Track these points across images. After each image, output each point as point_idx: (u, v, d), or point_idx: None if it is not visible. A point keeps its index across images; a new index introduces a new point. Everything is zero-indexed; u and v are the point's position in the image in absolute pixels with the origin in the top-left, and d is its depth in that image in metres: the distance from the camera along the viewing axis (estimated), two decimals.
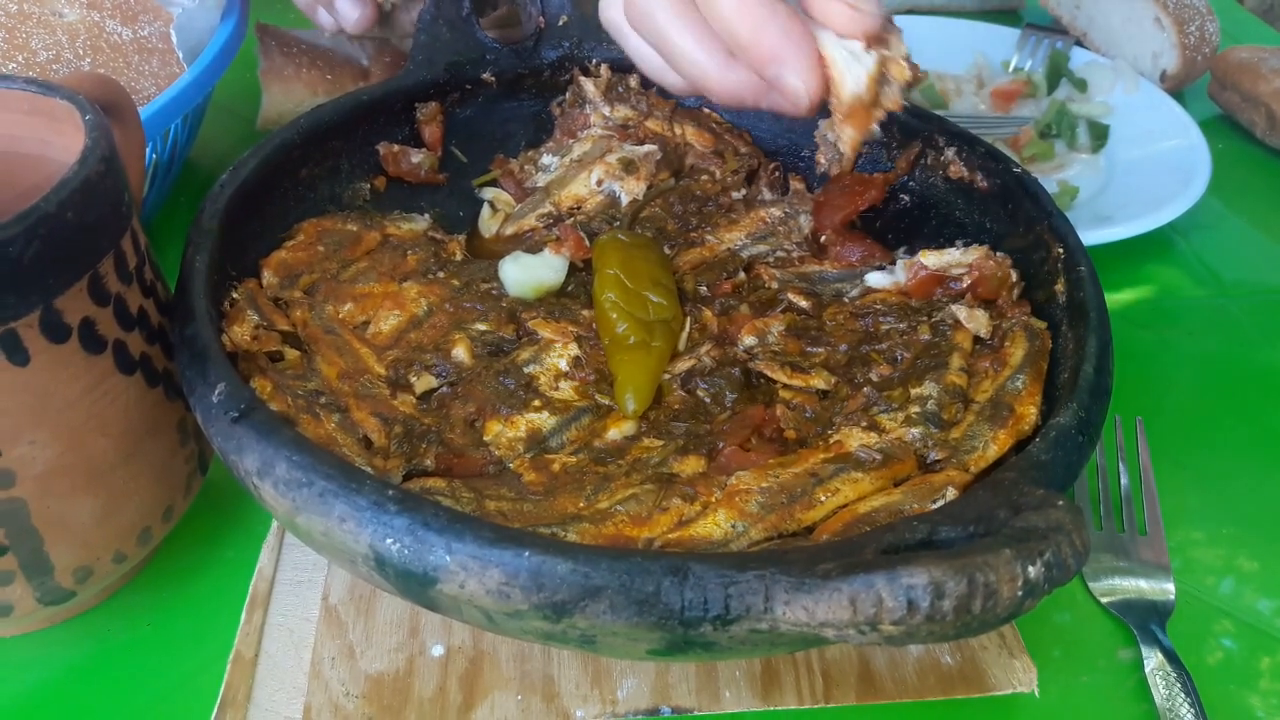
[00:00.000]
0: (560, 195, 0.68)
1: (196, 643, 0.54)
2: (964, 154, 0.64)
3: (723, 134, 0.73)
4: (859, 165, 0.69)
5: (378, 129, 0.68)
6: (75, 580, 0.49)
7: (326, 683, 0.51)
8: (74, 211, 0.42)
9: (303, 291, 0.57)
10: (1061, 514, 0.37)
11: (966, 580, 0.34)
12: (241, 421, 0.43)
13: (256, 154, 0.59)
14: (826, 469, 0.48)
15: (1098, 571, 0.58)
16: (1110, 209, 0.85)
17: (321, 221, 0.62)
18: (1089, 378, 0.48)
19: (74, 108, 0.47)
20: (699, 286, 0.62)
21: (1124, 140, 0.93)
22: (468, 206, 0.71)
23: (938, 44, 1.04)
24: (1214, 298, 0.82)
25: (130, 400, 0.48)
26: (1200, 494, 0.65)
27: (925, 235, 0.66)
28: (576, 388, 0.54)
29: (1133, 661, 0.54)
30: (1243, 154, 0.98)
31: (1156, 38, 1.01)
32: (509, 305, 0.59)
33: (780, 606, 0.36)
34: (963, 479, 0.47)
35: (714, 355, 0.57)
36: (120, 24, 0.73)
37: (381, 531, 0.39)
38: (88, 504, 0.48)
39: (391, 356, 0.55)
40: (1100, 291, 0.53)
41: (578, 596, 0.37)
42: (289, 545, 0.57)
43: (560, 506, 0.47)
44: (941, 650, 0.52)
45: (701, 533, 0.45)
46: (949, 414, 0.51)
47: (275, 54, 0.81)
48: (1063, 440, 0.45)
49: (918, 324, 0.57)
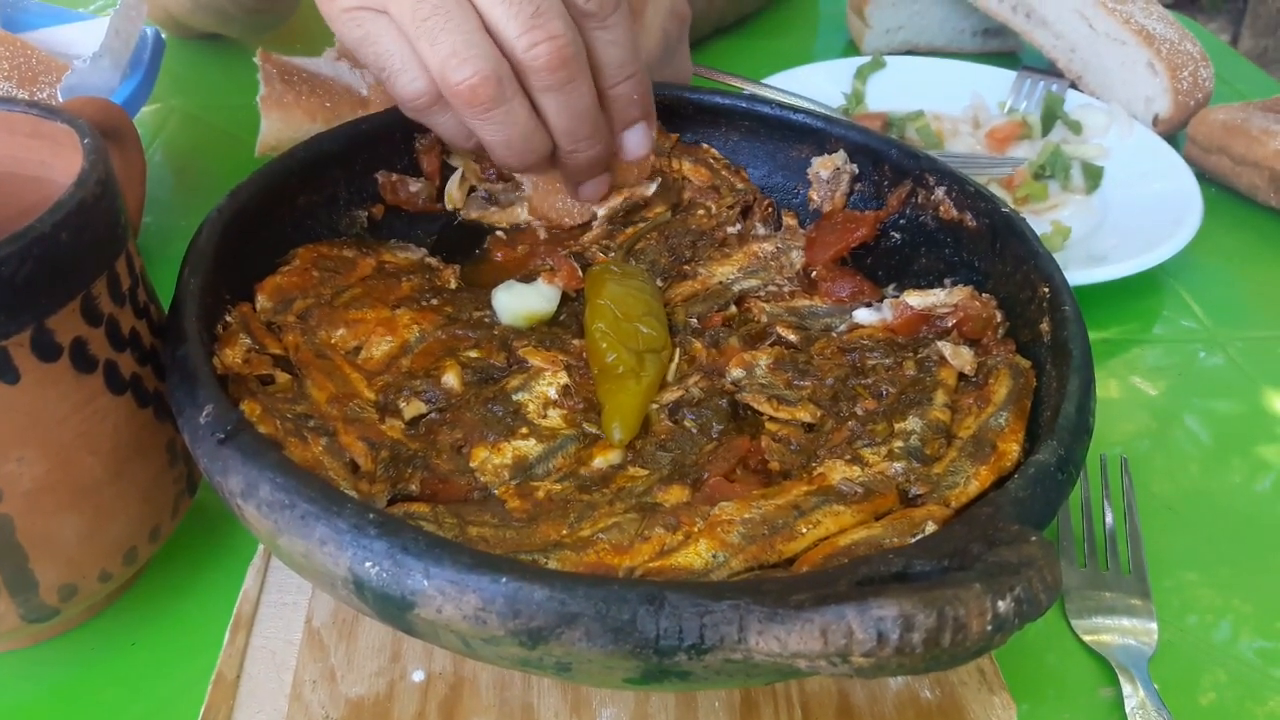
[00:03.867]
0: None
1: (180, 663, 0.54)
2: (954, 193, 0.65)
3: (719, 170, 0.74)
4: (851, 203, 0.70)
5: (376, 158, 0.69)
6: (60, 598, 0.50)
7: (307, 705, 0.51)
8: (69, 233, 0.43)
9: (296, 316, 0.58)
10: (1034, 549, 0.37)
11: (936, 613, 0.34)
12: (227, 443, 0.44)
13: (255, 180, 0.60)
14: (809, 501, 0.48)
15: (1080, 609, 0.58)
16: (1103, 249, 0.85)
17: (317, 247, 0.63)
18: (1070, 416, 0.48)
19: (74, 131, 0.48)
20: (689, 318, 0.63)
21: (1117, 182, 0.94)
22: (465, 236, 0.71)
23: (935, 84, 1.06)
24: (1205, 339, 0.82)
25: (120, 420, 0.49)
26: (1191, 536, 0.65)
27: (915, 272, 0.66)
28: (565, 416, 0.55)
29: (1114, 700, 0.54)
30: (1232, 198, 0.99)
31: (1150, 83, 1.02)
32: (500, 333, 0.60)
33: (754, 636, 0.37)
34: (943, 514, 0.47)
35: (702, 386, 0.57)
36: (16, 87, 0.73)
37: (361, 555, 0.39)
38: (74, 522, 0.48)
39: (382, 382, 0.55)
40: (1084, 331, 0.53)
41: (553, 623, 0.38)
42: (274, 568, 0.57)
43: (543, 533, 0.47)
44: (921, 685, 0.52)
45: (682, 562, 0.45)
46: (932, 449, 0.51)
47: (275, 81, 0.82)
48: (1042, 477, 0.45)
49: (903, 360, 0.58)
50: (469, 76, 0.54)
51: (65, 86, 0.75)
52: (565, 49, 0.54)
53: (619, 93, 0.60)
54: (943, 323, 0.60)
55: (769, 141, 0.73)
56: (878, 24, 1.20)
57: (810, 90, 1.00)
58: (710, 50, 1.21)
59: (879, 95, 1.06)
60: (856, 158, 0.70)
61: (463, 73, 0.54)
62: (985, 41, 1.24)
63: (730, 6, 1.23)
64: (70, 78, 0.76)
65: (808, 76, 1.05)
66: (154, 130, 1.00)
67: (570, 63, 0.55)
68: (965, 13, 1.20)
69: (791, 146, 0.72)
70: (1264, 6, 3.07)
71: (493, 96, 0.55)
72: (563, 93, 0.56)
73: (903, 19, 1.21)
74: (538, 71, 0.55)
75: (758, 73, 1.00)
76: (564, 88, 0.56)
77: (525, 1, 0.53)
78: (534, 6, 0.53)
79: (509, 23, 0.53)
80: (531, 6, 0.53)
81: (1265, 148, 0.94)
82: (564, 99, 0.57)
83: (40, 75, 0.77)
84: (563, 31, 0.54)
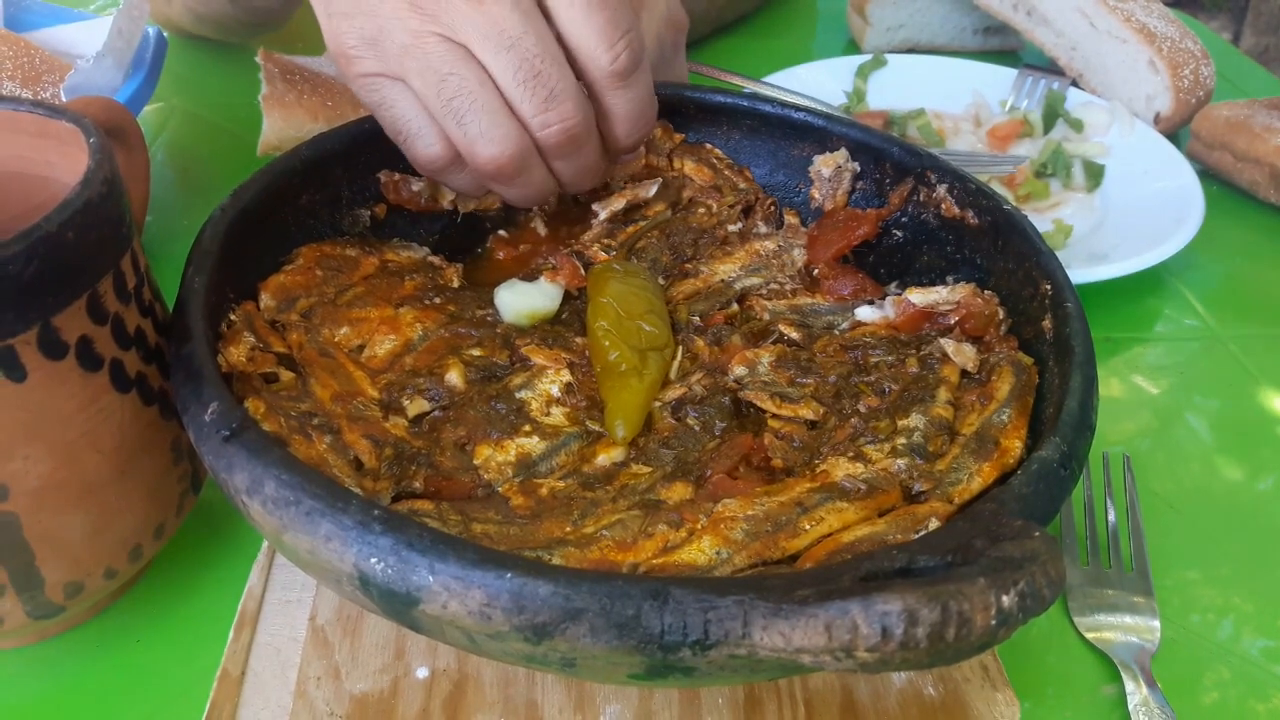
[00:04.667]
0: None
1: (185, 660, 0.54)
2: (955, 191, 0.65)
3: (722, 170, 0.74)
4: (853, 201, 0.70)
5: (379, 157, 0.69)
6: (65, 595, 0.50)
7: (311, 702, 0.51)
8: (75, 232, 0.43)
9: (300, 315, 0.58)
10: (1037, 544, 0.37)
11: (940, 608, 0.34)
12: (232, 440, 0.44)
13: (258, 179, 0.60)
14: (812, 498, 0.48)
15: (1083, 607, 0.58)
16: (1104, 247, 0.86)
17: (321, 246, 0.63)
18: (1072, 412, 0.49)
19: (79, 130, 0.49)
20: (692, 317, 0.63)
21: (1119, 180, 0.94)
22: (467, 235, 0.71)
23: (936, 82, 1.06)
24: (1207, 337, 0.83)
25: (125, 418, 0.49)
26: (1192, 534, 0.65)
27: (917, 270, 0.66)
28: (568, 414, 0.55)
29: (1116, 697, 0.54)
30: (1234, 195, 0.99)
31: (1151, 81, 1.03)
32: (503, 331, 0.60)
33: (758, 632, 0.37)
34: (946, 510, 0.47)
35: (705, 384, 0.57)
36: (19, 86, 0.73)
37: (366, 551, 0.39)
38: (80, 520, 0.48)
39: (385, 380, 0.55)
40: (1086, 328, 0.54)
41: (558, 619, 0.38)
42: (279, 565, 0.57)
43: (546, 530, 0.47)
44: (924, 681, 0.52)
45: (686, 559, 0.45)
46: (935, 446, 0.51)
47: (278, 80, 0.82)
48: (1045, 474, 0.45)
49: (906, 357, 0.58)
50: (496, 156, 0.58)
51: (68, 86, 0.76)
52: (575, 129, 0.58)
53: (633, 142, 0.63)
54: (945, 320, 0.60)
55: (770, 140, 0.73)
56: (879, 22, 1.20)
57: (811, 89, 1.00)
58: (711, 49, 1.21)
59: (880, 93, 1.06)
60: (858, 156, 0.70)
61: (490, 152, 0.58)
62: (986, 39, 1.24)
63: (730, 5, 1.23)
64: (73, 77, 0.76)
65: (809, 75, 1.05)
66: (156, 129, 1.00)
67: (579, 138, 0.59)
68: (966, 11, 1.21)
69: (793, 145, 0.72)
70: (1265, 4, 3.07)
71: (516, 170, 0.59)
72: (572, 160, 0.61)
73: (904, 17, 1.21)
74: (550, 147, 0.59)
75: (758, 71, 1.01)
76: (573, 156, 0.61)
77: (540, 85, 0.56)
78: (548, 91, 0.56)
79: (525, 104, 0.57)
80: (545, 90, 0.56)
81: (1266, 144, 0.94)
82: (573, 163, 0.61)
83: (44, 74, 0.77)
84: (573, 113, 0.58)
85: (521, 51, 0.55)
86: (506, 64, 0.56)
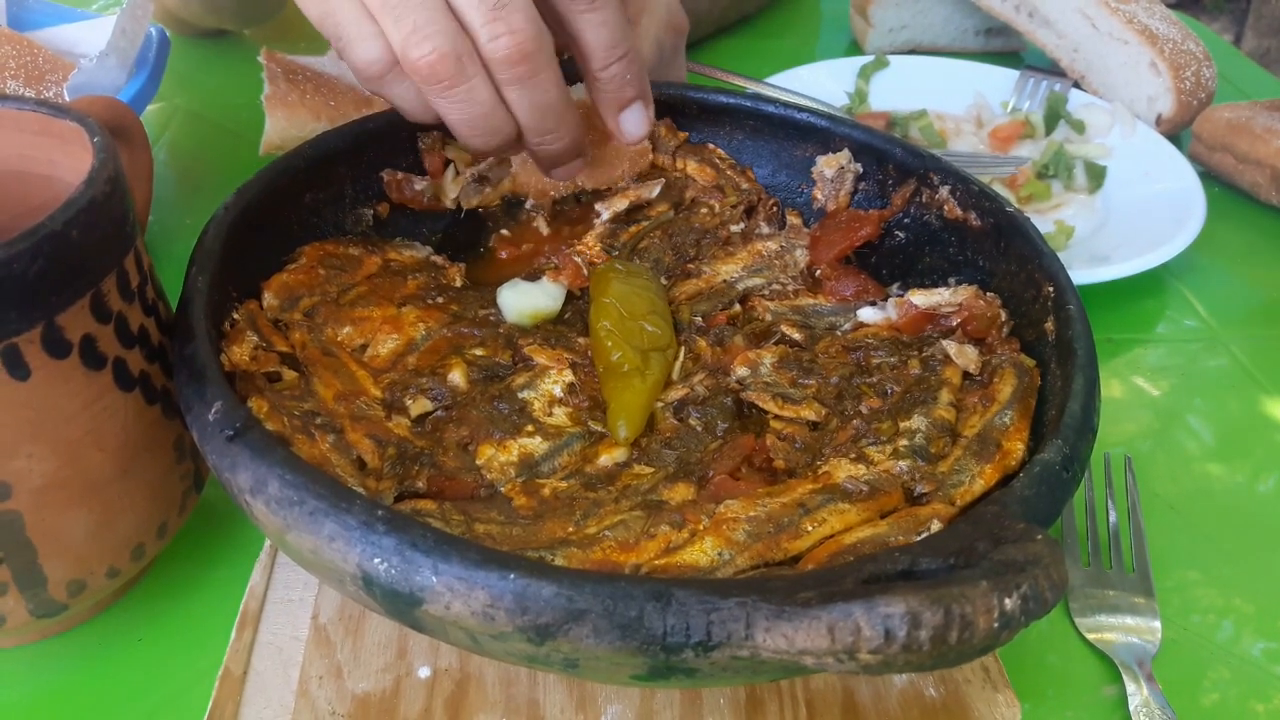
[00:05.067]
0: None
1: (187, 659, 0.55)
2: (958, 192, 0.65)
3: (725, 170, 0.74)
4: (855, 202, 0.70)
5: (382, 156, 0.69)
6: (68, 594, 0.50)
7: (313, 701, 0.51)
8: (79, 230, 0.43)
9: (303, 314, 0.58)
10: (1040, 547, 0.37)
11: (943, 611, 0.34)
12: (236, 440, 0.44)
13: (261, 178, 0.60)
14: (814, 499, 0.48)
15: (1084, 608, 0.58)
16: (1106, 249, 0.86)
17: (324, 245, 0.63)
18: (1075, 415, 0.49)
19: (83, 129, 0.49)
20: (694, 317, 0.63)
21: (1120, 182, 0.94)
22: (470, 234, 0.71)
23: (938, 84, 1.06)
24: (1208, 339, 0.83)
25: (128, 417, 0.49)
26: (1193, 535, 0.65)
27: (919, 271, 0.66)
28: (570, 414, 0.55)
29: (1117, 698, 0.54)
30: (1235, 197, 0.99)
31: (1152, 82, 1.03)
32: (506, 331, 0.60)
33: (761, 634, 0.37)
34: (948, 512, 0.47)
35: (707, 385, 0.57)
36: (23, 85, 0.73)
37: (370, 551, 0.39)
38: (83, 518, 0.48)
39: (388, 379, 0.55)
40: (1088, 330, 0.54)
41: (561, 620, 0.38)
42: (281, 564, 0.57)
43: (549, 531, 0.47)
44: (925, 682, 0.53)
45: (688, 560, 0.45)
46: (937, 448, 0.51)
47: (280, 80, 0.82)
48: (1047, 476, 0.45)
49: (908, 358, 0.58)
50: (428, 53, 0.53)
51: (72, 85, 0.76)
52: (526, 44, 0.54)
53: (611, 74, 0.59)
54: (947, 321, 0.60)
55: (773, 140, 0.73)
56: (881, 23, 1.20)
57: (813, 89, 1.00)
58: (713, 50, 1.21)
59: (882, 94, 1.06)
60: (861, 157, 0.70)
61: (423, 49, 0.53)
62: (988, 41, 1.24)
63: (733, 6, 1.23)
64: (77, 76, 0.76)
65: (811, 76, 1.05)
66: (159, 129, 1.00)
67: (532, 57, 0.55)
68: (968, 12, 1.21)
69: (796, 145, 0.73)
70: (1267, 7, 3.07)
71: (452, 74, 0.54)
72: (525, 86, 0.56)
73: (906, 18, 1.21)
74: (499, 64, 0.55)
75: (760, 72, 1.01)
76: (526, 81, 0.56)
77: None
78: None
79: (472, 11, 0.53)
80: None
81: (1268, 146, 0.94)
82: (526, 92, 0.56)
83: (47, 74, 0.77)
84: (523, 25, 0.53)
85: None
86: None
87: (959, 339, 0.58)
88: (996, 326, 0.58)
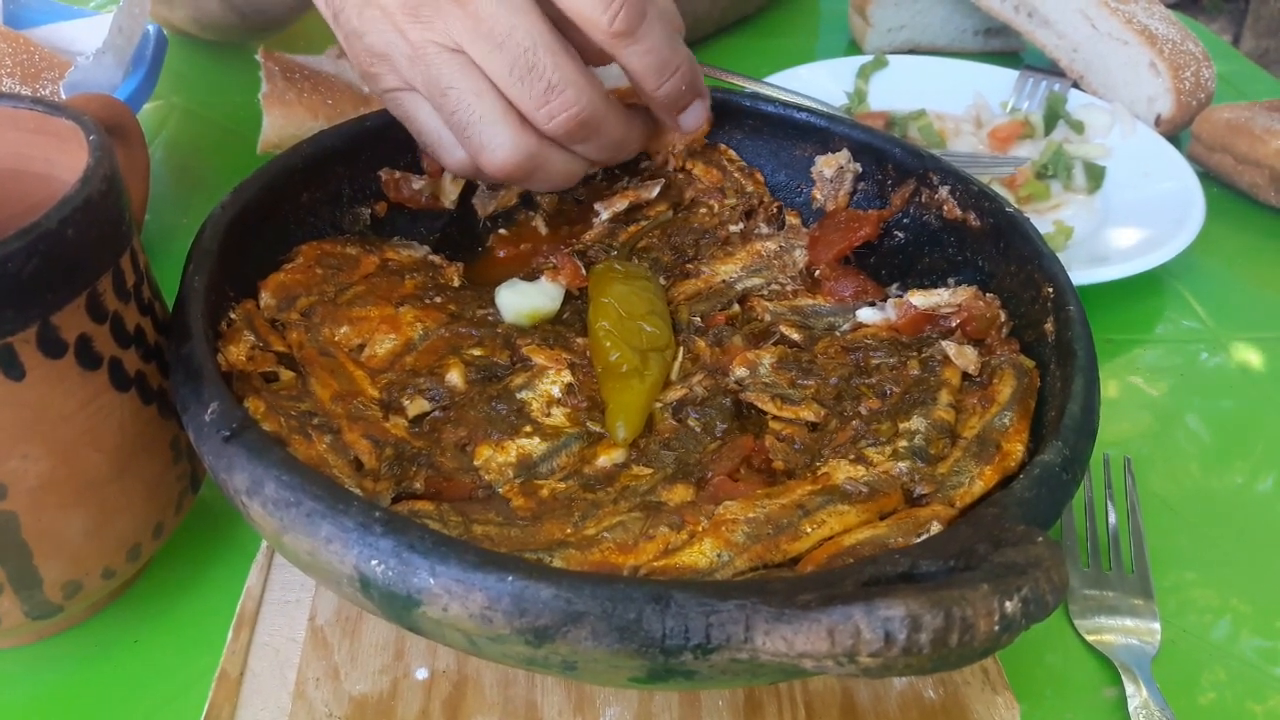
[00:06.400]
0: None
1: (183, 660, 0.54)
2: (957, 192, 0.65)
3: (732, 172, 0.74)
4: (854, 202, 0.70)
5: (380, 155, 0.68)
6: (64, 595, 0.49)
7: (310, 703, 0.51)
8: (75, 229, 0.43)
9: (300, 314, 0.58)
10: (1040, 550, 0.37)
11: (943, 614, 0.34)
12: (232, 440, 0.44)
13: (259, 177, 0.60)
14: (813, 501, 0.48)
15: (1083, 609, 0.58)
16: (1105, 249, 0.85)
17: (321, 245, 0.63)
18: (1075, 416, 0.48)
19: (79, 128, 0.48)
20: (693, 317, 0.63)
21: (1120, 182, 0.94)
22: (468, 233, 0.71)
23: (937, 84, 1.06)
24: (1207, 340, 0.83)
25: (124, 417, 0.49)
26: (1191, 536, 0.65)
27: (919, 271, 0.66)
28: (568, 414, 0.55)
29: (1117, 700, 0.54)
30: (1234, 198, 0.99)
31: (1152, 83, 1.02)
32: (504, 331, 0.60)
33: (760, 636, 0.37)
34: (947, 514, 0.47)
35: (706, 385, 0.57)
36: (19, 83, 0.73)
37: (367, 553, 0.39)
38: (78, 519, 0.48)
39: (385, 380, 0.55)
40: (1088, 331, 0.53)
41: (559, 622, 0.38)
42: (278, 565, 0.57)
43: (547, 532, 0.47)
44: (924, 684, 0.52)
45: (687, 561, 0.45)
46: (936, 449, 0.51)
47: (278, 79, 0.82)
48: (1047, 478, 0.45)
49: (908, 359, 0.58)
50: (503, 164, 0.59)
51: (68, 83, 0.75)
52: (581, 114, 0.58)
53: (666, 92, 0.62)
54: (947, 322, 0.60)
55: (772, 140, 0.73)
56: (880, 23, 1.20)
57: (812, 89, 1.00)
58: (712, 49, 1.21)
59: (881, 94, 1.06)
60: (860, 157, 0.70)
61: (495, 161, 0.59)
62: (987, 41, 1.24)
63: (733, 6, 1.23)
64: (73, 74, 0.76)
65: (810, 75, 1.05)
66: (156, 127, 1.00)
67: (589, 122, 0.58)
68: (967, 12, 1.20)
69: (795, 145, 0.72)
70: (1266, 8, 3.07)
71: (527, 171, 0.59)
72: (590, 142, 0.60)
73: (905, 18, 1.21)
74: (562, 136, 0.59)
75: (759, 72, 1.00)
76: (590, 139, 0.60)
77: (536, 79, 0.56)
78: (545, 83, 0.56)
79: (525, 101, 0.57)
80: (543, 83, 0.56)
81: (1267, 146, 0.94)
82: (592, 145, 0.61)
83: (43, 72, 0.77)
84: (574, 100, 0.57)
85: (512, 48, 0.55)
86: (500, 64, 0.55)
87: (958, 340, 0.58)
88: (996, 327, 0.58)
